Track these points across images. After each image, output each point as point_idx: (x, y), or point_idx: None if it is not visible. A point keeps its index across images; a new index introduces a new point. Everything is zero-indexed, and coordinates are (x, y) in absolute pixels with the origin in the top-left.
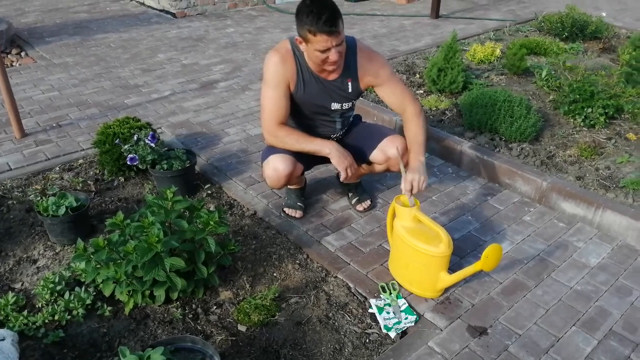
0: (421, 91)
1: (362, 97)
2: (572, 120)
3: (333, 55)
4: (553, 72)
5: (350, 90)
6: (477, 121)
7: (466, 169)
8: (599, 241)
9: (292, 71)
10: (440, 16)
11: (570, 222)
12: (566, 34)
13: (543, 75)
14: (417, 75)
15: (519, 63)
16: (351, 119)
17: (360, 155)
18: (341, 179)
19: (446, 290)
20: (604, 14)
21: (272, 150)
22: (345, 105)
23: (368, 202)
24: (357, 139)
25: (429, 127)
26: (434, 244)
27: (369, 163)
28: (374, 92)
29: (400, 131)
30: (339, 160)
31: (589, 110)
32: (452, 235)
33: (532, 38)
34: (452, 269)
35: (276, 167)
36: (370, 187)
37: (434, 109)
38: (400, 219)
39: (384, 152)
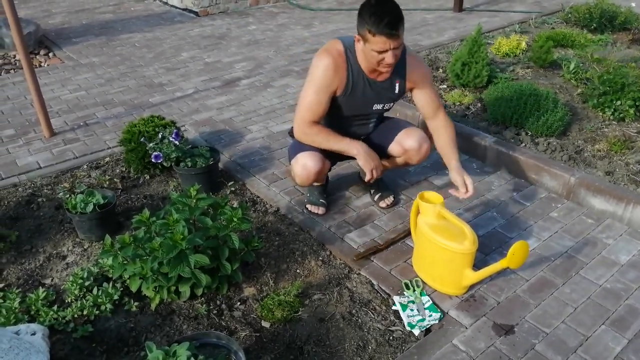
0: (444, 86)
1: None
2: (601, 113)
3: (389, 58)
4: (581, 64)
5: (397, 91)
6: (502, 116)
7: (491, 164)
8: (629, 238)
9: (343, 76)
10: (463, 9)
11: (599, 218)
12: (594, 25)
13: (571, 68)
14: (440, 70)
15: (546, 56)
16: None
17: (379, 150)
18: (366, 180)
19: (471, 287)
20: (633, 4)
21: (299, 147)
22: (387, 106)
23: (391, 199)
24: (376, 134)
25: (453, 121)
26: (458, 240)
27: (388, 157)
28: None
29: (422, 126)
30: (365, 162)
31: (619, 102)
32: (477, 231)
33: (559, 30)
34: (477, 265)
35: (305, 164)
36: (392, 183)
37: (458, 103)
38: (424, 215)
39: (401, 145)
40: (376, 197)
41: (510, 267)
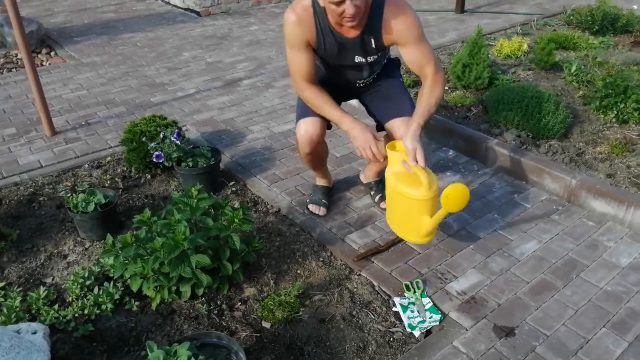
0: (446, 87)
1: None
2: (602, 116)
3: (349, 9)
4: (583, 67)
5: (373, 46)
6: (504, 118)
7: (492, 166)
8: (630, 240)
9: (311, 30)
10: (465, 11)
11: (600, 221)
12: (596, 27)
13: (572, 70)
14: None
15: (547, 58)
16: (383, 64)
17: (375, 119)
18: (362, 157)
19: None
20: (635, 7)
21: (303, 110)
22: (370, 58)
23: None
24: (377, 99)
25: (455, 123)
26: (415, 187)
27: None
28: None
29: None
30: (355, 140)
31: (622, 105)
32: (478, 233)
33: (561, 32)
34: (476, 267)
35: (307, 129)
36: None
37: (459, 105)
38: (391, 164)
39: (393, 133)
40: (377, 198)
41: (448, 210)
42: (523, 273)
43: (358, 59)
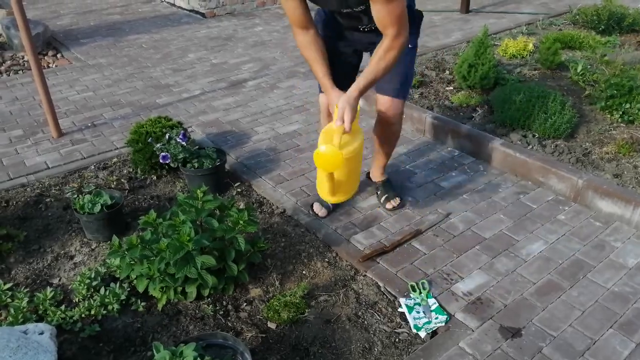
0: (451, 87)
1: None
2: (609, 116)
3: None
4: (589, 66)
5: None
6: (510, 118)
7: (498, 166)
8: (637, 241)
9: None
10: (470, 11)
11: (607, 221)
12: (602, 27)
13: (578, 70)
14: (447, 72)
15: (553, 57)
16: None
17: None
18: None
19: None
20: None
21: None
22: (358, 8)
23: (397, 200)
24: None
25: (460, 123)
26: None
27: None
28: None
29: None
30: (338, 110)
31: (627, 106)
32: (483, 233)
33: (567, 31)
34: (482, 268)
35: (324, 100)
36: (399, 185)
37: (465, 105)
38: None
39: (376, 104)
40: (382, 198)
41: (321, 169)
42: (529, 274)
43: (345, 9)
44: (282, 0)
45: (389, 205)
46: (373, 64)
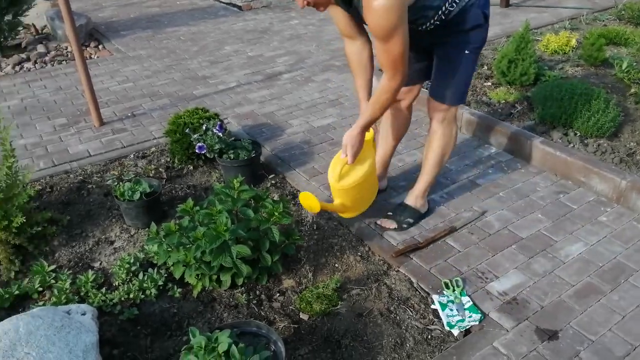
0: (489, 83)
1: None
2: None
3: (298, 2)
4: (634, 63)
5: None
6: (551, 115)
7: (537, 165)
8: None
9: None
10: (510, 4)
11: None
12: None
13: (623, 67)
14: (485, 67)
15: (597, 54)
16: (451, 13)
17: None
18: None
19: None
20: None
21: None
22: None
23: (392, 225)
24: (435, 62)
25: (498, 120)
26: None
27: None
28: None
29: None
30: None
31: None
32: (520, 233)
33: (612, 27)
34: (518, 267)
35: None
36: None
37: (503, 102)
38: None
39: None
40: (386, 214)
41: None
42: (568, 275)
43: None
44: (329, 8)
45: (380, 222)
46: (370, 104)
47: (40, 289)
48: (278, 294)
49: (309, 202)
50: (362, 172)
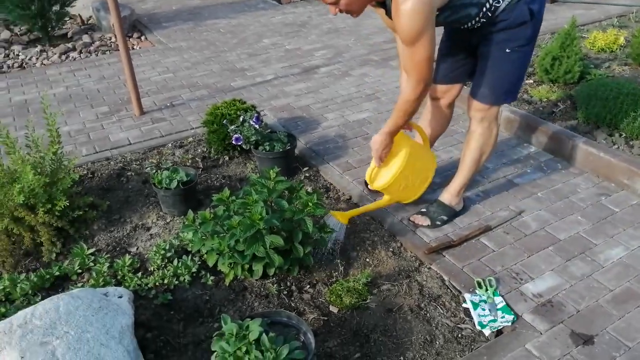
0: (531, 81)
1: None
2: None
3: (330, 9)
4: None
5: None
6: (595, 115)
7: (578, 165)
8: None
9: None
10: (557, 0)
11: None
12: None
13: None
14: None
15: None
16: (503, 6)
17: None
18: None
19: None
20: None
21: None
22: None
23: (426, 221)
24: (477, 61)
25: (538, 118)
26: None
27: None
28: None
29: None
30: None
31: None
32: (558, 235)
33: None
34: (554, 270)
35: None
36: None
37: (545, 100)
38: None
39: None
40: (421, 209)
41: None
42: (607, 280)
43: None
44: (374, 7)
45: (413, 218)
46: (394, 110)
47: (80, 270)
48: (308, 286)
49: (338, 218)
50: (396, 166)
